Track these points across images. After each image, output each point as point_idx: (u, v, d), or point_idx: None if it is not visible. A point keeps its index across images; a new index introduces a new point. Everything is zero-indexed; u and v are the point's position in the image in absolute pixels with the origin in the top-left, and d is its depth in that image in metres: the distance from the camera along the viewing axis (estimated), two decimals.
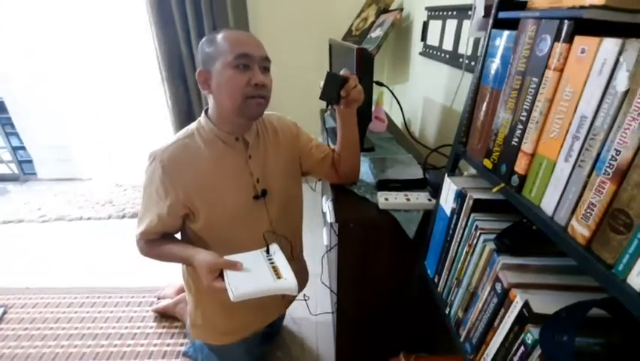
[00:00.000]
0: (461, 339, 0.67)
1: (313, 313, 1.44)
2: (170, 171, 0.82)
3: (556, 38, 0.43)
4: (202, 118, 0.89)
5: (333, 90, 0.85)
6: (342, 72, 0.86)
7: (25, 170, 2.76)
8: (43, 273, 1.76)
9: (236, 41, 0.79)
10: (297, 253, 1.14)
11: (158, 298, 1.52)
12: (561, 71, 0.43)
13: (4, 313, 1.50)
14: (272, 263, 0.81)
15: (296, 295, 1.21)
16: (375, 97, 1.30)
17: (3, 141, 2.63)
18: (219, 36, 0.80)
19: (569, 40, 0.42)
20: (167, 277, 1.61)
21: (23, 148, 2.68)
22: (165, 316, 1.46)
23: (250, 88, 0.79)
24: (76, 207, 2.31)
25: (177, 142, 0.85)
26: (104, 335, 1.39)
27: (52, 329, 1.42)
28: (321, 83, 0.85)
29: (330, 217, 0.98)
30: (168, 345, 1.34)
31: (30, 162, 2.72)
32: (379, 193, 0.95)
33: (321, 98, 0.86)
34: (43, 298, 1.58)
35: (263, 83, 0.80)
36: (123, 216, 2.21)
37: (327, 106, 0.89)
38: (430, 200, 0.91)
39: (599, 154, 0.38)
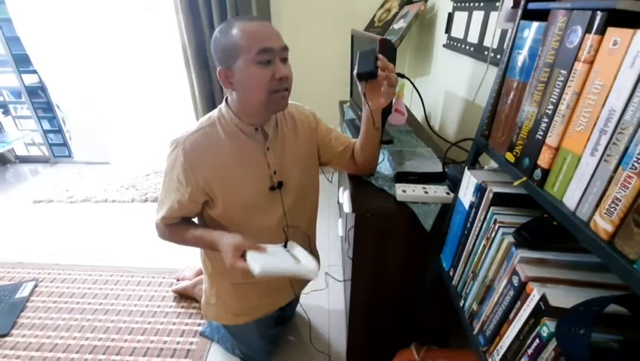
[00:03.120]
0: (474, 332, 0.67)
1: (327, 302, 1.47)
2: (191, 159, 0.84)
3: (588, 30, 0.42)
4: (223, 107, 0.90)
5: (369, 62, 0.81)
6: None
7: (55, 153, 2.89)
8: (71, 250, 1.86)
9: (256, 35, 0.76)
10: (312, 245, 1.16)
11: (178, 280, 1.58)
12: (591, 63, 0.42)
13: (36, 286, 1.59)
14: (292, 254, 0.83)
15: (305, 284, 1.24)
16: (396, 89, 1.29)
17: (35, 125, 2.76)
18: (235, 30, 0.77)
19: (601, 31, 0.41)
20: (187, 260, 1.67)
21: (54, 132, 2.81)
22: (184, 296, 1.52)
23: (275, 82, 0.79)
24: (102, 190, 2.41)
25: (199, 130, 0.87)
26: (127, 311, 1.46)
27: (78, 303, 1.50)
28: (355, 72, 0.83)
29: (347, 207, 0.99)
30: (186, 324, 1.40)
31: (60, 145, 2.85)
32: (397, 185, 0.95)
33: (357, 74, 0.83)
34: (71, 273, 1.67)
35: (286, 75, 0.80)
36: (146, 200, 2.29)
37: (364, 82, 0.84)
38: (448, 193, 0.91)
39: (626, 148, 0.38)
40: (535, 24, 0.54)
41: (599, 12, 0.41)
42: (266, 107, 0.84)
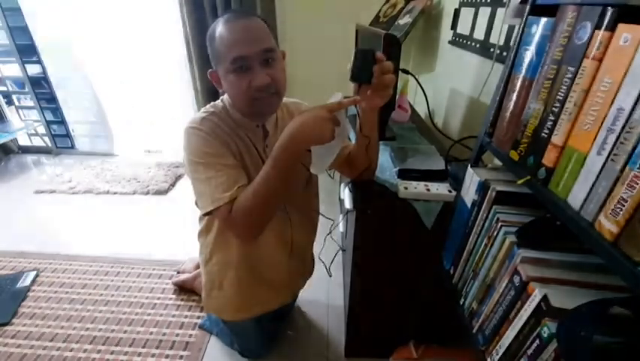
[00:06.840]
0: (474, 330, 0.67)
1: (326, 297, 1.47)
2: (210, 130, 0.82)
3: (598, 26, 0.41)
4: (225, 98, 0.89)
5: (365, 68, 0.74)
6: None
7: (57, 143, 2.89)
8: (73, 241, 1.87)
9: (229, 43, 0.75)
10: (311, 241, 1.16)
11: (178, 272, 1.58)
12: (600, 60, 0.41)
13: (37, 276, 1.60)
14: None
15: (306, 280, 1.24)
16: (400, 85, 1.28)
17: (38, 115, 2.76)
18: (217, 33, 0.77)
19: (612, 28, 0.40)
20: (188, 252, 1.67)
21: (57, 122, 2.81)
22: (184, 289, 1.52)
23: (253, 90, 0.77)
24: (104, 182, 2.41)
25: (207, 116, 0.85)
26: (127, 302, 1.47)
27: (79, 294, 1.51)
28: (349, 66, 0.77)
29: (347, 204, 0.99)
30: (186, 317, 1.40)
31: (62, 135, 2.85)
32: (399, 182, 0.94)
33: (352, 78, 0.78)
34: (72, 264, 1.67)
35: (264, 84, 0.76)
36: (147, 193, 2.29)
37: (359, 88, 0.79)
38: (450, 192, 0.90)
39: (634, 148, 0.37)
40: (543, 20, 0.53)
41: (609, 8, 0.40)
42: (250, 115, 0.84)
